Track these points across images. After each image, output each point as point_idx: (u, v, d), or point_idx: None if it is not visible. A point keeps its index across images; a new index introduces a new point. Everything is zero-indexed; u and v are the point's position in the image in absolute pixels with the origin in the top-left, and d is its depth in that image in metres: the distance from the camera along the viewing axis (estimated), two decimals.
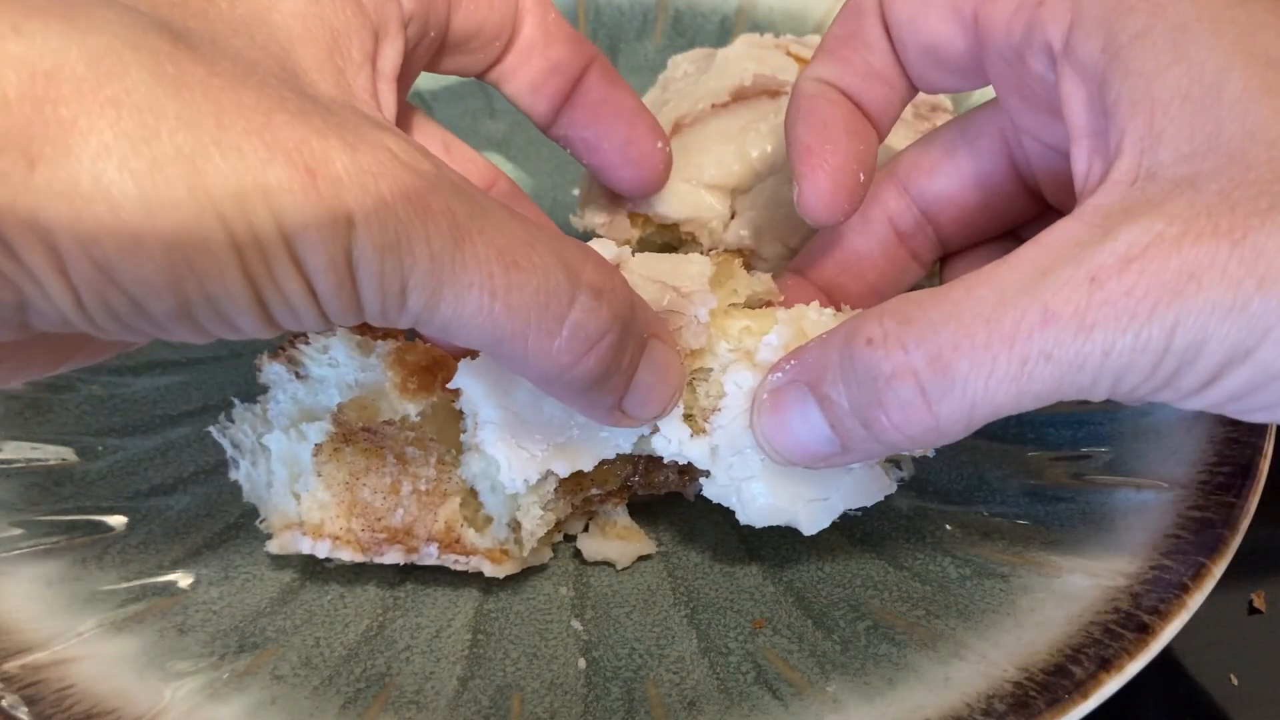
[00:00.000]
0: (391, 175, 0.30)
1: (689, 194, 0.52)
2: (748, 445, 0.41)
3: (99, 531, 0.47)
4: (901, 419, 0.34)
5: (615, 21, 0.73)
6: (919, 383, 0.33)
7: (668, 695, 0.42)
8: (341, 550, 0.43)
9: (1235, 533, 0.43)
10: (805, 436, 0.37)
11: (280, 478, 0.44)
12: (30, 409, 0.50)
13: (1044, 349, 0.31)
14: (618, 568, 0.47)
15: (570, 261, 0.33)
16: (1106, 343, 0.31)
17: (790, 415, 0.37)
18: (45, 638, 0.42)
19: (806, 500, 0.41)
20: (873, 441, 0.35)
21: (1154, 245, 0.30)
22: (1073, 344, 0.31)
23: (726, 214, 0.53)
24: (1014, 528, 0.47)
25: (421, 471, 0.43)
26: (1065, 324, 0.31)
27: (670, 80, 0.59)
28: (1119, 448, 0.49)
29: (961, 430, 0.34)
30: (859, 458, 0.37)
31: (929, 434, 0.34)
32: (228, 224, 0.28)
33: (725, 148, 0.53)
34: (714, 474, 0.42)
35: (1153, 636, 0.40)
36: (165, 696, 0.40)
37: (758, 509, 0.42)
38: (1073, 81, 0.36)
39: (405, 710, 0.42)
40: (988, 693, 0.40)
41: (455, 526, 0.43)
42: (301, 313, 0.30)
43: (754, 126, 0.53)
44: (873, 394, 0.34)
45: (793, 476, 0.41)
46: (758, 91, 0.55)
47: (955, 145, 0.45)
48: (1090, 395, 0.33)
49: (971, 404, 0.32)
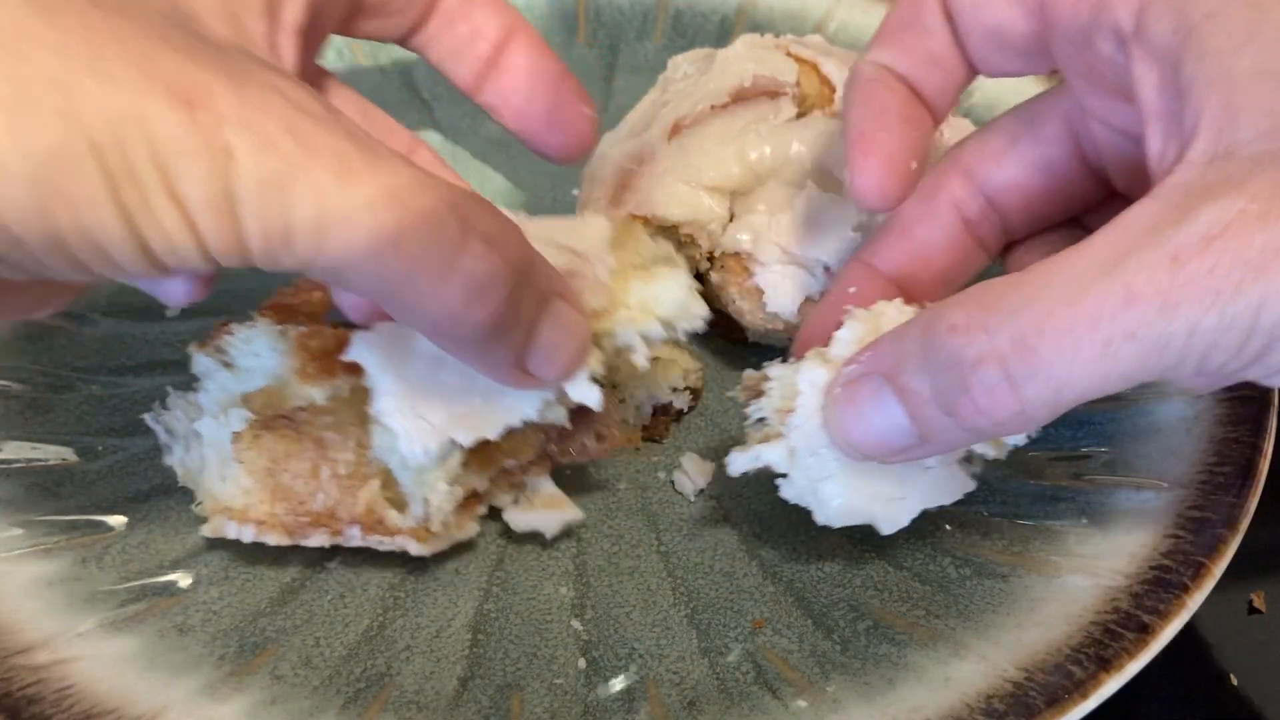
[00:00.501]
0: (278, 112, 0.29)
1: (688, 196, 0.52)
2: (823, 445, 0.40)
3: (99, 531, 0.47)
4: (988, 404, 0.33)
5: (615, 21, 0.73)
6: (1004, 367, 0.32)
7: (668, 695, 0.42)
8: (267, 534, 0.43)
9: (1235, 533, 0.43)
10: (882, 428, 0.37)
11: (211, 462, 0.44)
12: (30, 409, 0.50)
13: (1128, 329, 0.31)
14: (547, 537, 0.47)
15: (464, 209, 0.33)
16: (1191, 321, 0.31)
17: (866, 407, 0.37)
18: (45, 637, 0.42)
19: (885, 499, 0.41)
20: (956, 430, 0.35)
21: (1236, 223, 0.30)
22: (1157, 323, 0.31)
23: (725, 216, 0.53)
24: (1014, 528, 0.47)
25: (340, 456, 0.43)
26: (1148, 304, 0.31)
27: (670, 81, 0.59)
28: (1119, 448, 0.49)
29: (1047, 414, 0.33)
30: (937, 449, 0.37)
31: (1015, 419, 0.33)
32: (100, 151, 0.27)
33: (724, 150, 0.53)
34: (791, 475, 0.41)
35: (1152, 636, 0.40)
36: (165, 696, 0.40)
37: (834, 509, 0.41)
38: (1145, 64, 0.35)
39: (405, 710, 0.42)
40: (987, 693, 0.40)
41: (376, 508, 0.43)
42: (183, 250, 0.30)
43: (754, 128, 0.53)
44: (957, 380, 0.33)
45: (870, 475, 0.41)
46: (757, 93, 0.55)
47: (1020, 132, 0.44)
48: (1177, 375, 0.33)
49: (1057, 387, 0.32)
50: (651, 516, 0.50)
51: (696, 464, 0.51)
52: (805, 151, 0.52)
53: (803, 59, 0.57)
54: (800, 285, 0.51)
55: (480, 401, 0.41)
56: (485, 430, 0.41)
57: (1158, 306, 0.31)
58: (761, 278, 0.51)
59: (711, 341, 0.58)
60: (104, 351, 0.54)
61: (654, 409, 0.53)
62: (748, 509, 0.50)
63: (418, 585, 0.47)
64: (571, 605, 0.46)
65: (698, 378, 0.54)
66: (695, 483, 0.51)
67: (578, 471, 0.52)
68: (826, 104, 0.56)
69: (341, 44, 0.69)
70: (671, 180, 0.52)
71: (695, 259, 0.54)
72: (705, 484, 0.51)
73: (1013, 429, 0.34)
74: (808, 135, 0.53)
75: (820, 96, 0.56)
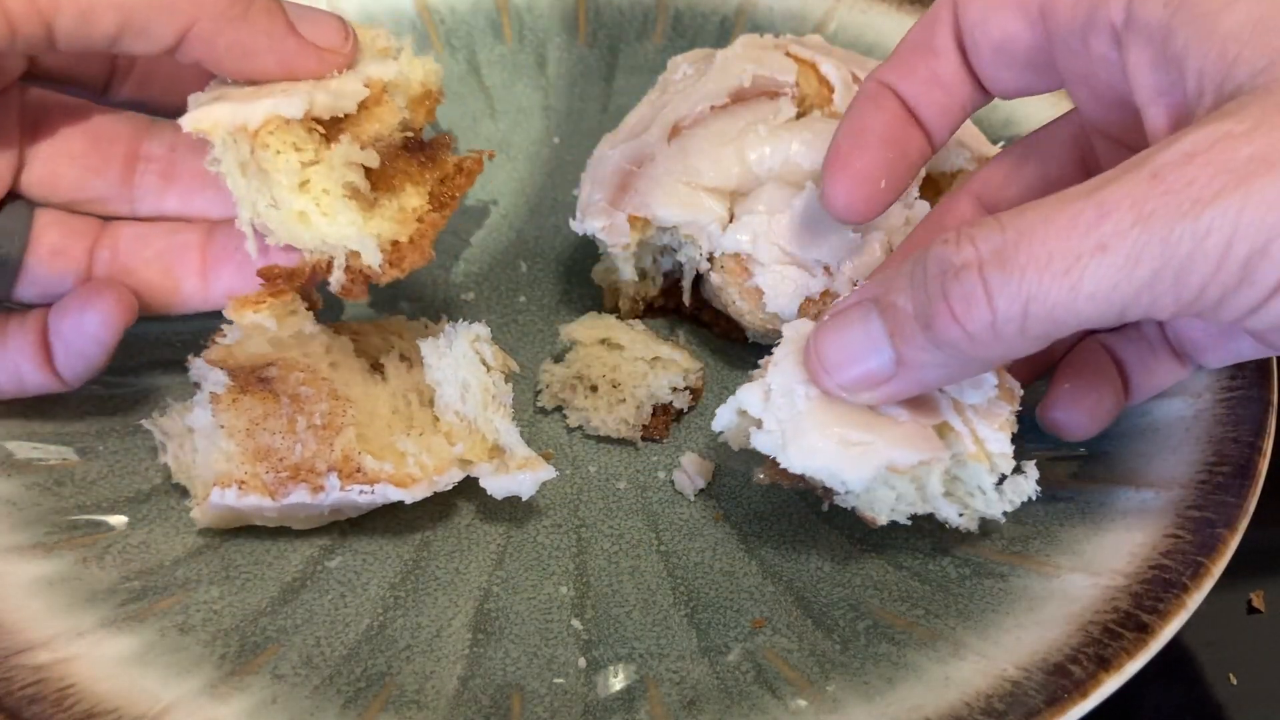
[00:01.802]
0: None
1: (687, 197, 0.52)
2: (798, 382, 0.41)
3: (99, 531, 0.47)
4: (963, 311, 0.34)
5: (615, 21, 0.73)
6: (982, 274, 0.33)
7: (668, 695, 0.42)
8: (249, 495, 0.44)
9: (1234, 532, 0.43)
10: (861, 349, 0.38)
11: (204, 450, 0.45)
12: (31, 408, 0.50)
13: (1099, 241, 0.31)
14: (524, 498, 0.47)
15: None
16: (1164, 230, 0.30)
17: (851, 328, 0.38)
18: (46, 637, 0.42)
19: (851, 443, 0.40)
20: (931, 351, 0.36)
21: (1222, 140, 0.30)
22: (1129, 234, 0.30)
23: (725, 217, 0.53)
24: (1014, 528, 0.47)
25: (315, 407, 0.45)
26: (1121, 215, 0.30)
27: (669, 81, 0.59)
28: (1119, 448, 0.49)
29: (1016, 332, 0.33)
30: (911, 382, 0.38)
31: (985, 331, 0.34)
32: None
33: (724, 150, 0.53)
34: (765, 422, 0.42)
35: (1152, 636, 0.40)
36: (166, 696, 0.40)
37: (802, 450, 0.41)
38: (1137, 49, 0.36)
39: (406, 710, 0.42)
40: (987, 692, 0.40)
41: (353, 455, 0.44)
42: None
43: (753, 129, 0.53)
44: (938, 288, 0.34)
45: (839, 416, 0.41)
46: (757, 93, 0.55)
47: (1026, 156, 0.46)
48: (1154, 307, 0.32)
49: (1027, 299, 0.32)
50: (651, 516, 0.50)
51: (696, 464, 0.51)
52: (804, 152, 0.52)
53: (801, 59, 0.57)
54: (799, 285, 0.51)
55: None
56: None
57: (1131, 218, 0.30)
58: (761, 278, 0.51)
59: (711, 341, 0.58)
60: None
61: (654, 409, 0.53)
62: (748, 509, 0.50)
63: (418, 585, 0.47)
64: (571, 604, 0.46)
65: (698, 378, 0.54)
66: (695, 483, 0.51)
67: (577, 471, 0.52)
68: (825, 104, 0.56)
69: None
70: (671, 181, 0.52)
71: (695, 259, 0.54)
72: (705, 484, 0.51)
73: (984, 344, 0.34)
74: (807, 136, 0.53)
75: (819, 96, 0.56)
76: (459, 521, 0.49)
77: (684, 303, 0.57)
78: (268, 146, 0.43)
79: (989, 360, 0.36)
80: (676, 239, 0.54)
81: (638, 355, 0.53)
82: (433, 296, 0.59)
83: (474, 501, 0.50)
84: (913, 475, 0.41)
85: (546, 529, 0.49)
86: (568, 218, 0.55)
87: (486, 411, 0.47)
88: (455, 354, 0.48)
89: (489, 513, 0.50)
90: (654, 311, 0.59)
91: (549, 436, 0.53)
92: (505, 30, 0.72)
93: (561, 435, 0.53)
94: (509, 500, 0.47)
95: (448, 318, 0.51)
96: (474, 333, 0.49)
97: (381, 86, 0.46)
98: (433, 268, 0.60)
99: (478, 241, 0.62)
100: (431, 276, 0.60)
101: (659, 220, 0.52)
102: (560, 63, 0.71)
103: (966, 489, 0.43)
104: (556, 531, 0.49)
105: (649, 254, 0.56)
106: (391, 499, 0.44)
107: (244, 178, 0.44)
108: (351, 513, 0.47)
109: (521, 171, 0.66)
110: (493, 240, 0.62)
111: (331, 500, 0.44)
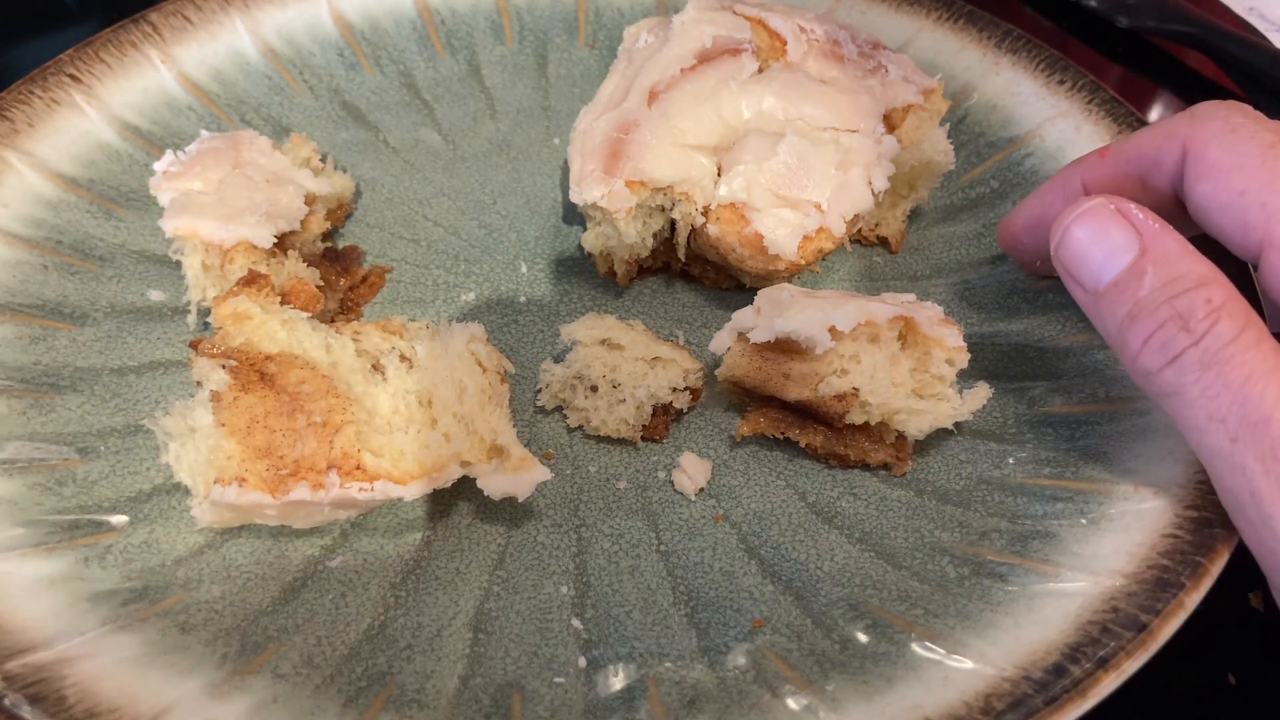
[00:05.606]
0: None
1: (678, 156, 0.54)
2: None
3: (101, 531, 0.47)
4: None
5: (615, 22, 0.73)
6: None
7: (668, 694, 0.42)
8: (250, 492, 0.44)
9: (1233, 532, 0.43)
10: (1111, 240, 0.42)
11: (206, 449, 0.45)
12: (33, 409, 0.50)
13: None
14: (520, 499, 0.47)
15: None
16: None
17: (1105, 222, 0.43)
18: (48, 637, 0.42)
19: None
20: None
21: None
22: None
23: (714, 171, 0.55)
24: (1013, 527, 0.47)
25: (314, 405, 0.45)
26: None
27: (632, 50, 0.61)
28: (1118, 449, 0.49)
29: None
30: (1149, 270, 0.41)
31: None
32: None
33: (702, 109, 0.56)
34: (756, 328, 0.49)
35: (1151, 636, 0.40)
36: (168, 695, 0.40)
37: (791, 319, 0.48)
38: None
39: (406, 709, 0.42)
40: (986, 692, 0.40)
41: (353, 452, 0.45)
42: None
43: (724, 85, 0.56)
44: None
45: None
46: (719, 52, 0.58)
47: (1129, 164, 0.49)
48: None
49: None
50: (651, 516, 0.50)
51: (696, 464, 0.51)
52: (777, 103, 0.56)
53: (750, 16, 0.60)
54: (796, 225, 0.53)
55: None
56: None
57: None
58: (759, 223, 0.53)
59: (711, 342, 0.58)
60: (104, 351, 0.54)
61: (654, 409, 0.53)
62: (748, 509, 0.50)
63: (419, 584, 0.47)
64: (572, 604, 0.46)
65: (698, 378, 0.54)
66: (695, 482, 0.51)
67: (577, 471, 0.52)
68: (780, 56, 0.59)
69: (343, 44, 0.69)
70: (659, 143, 0.55)
71: (690, 214, 0.55)
72: (705, 483, 0.51)
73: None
74: (775, 87, 0.56)
75: (772, 49, 0.60)
76: (459, 521, 0.49)
77: (678, 258, 0.59)
78: (233, 261, 0.53)
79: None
80: (670, 198, 0.55)
81: (638, 355, 0.53)
82: (433, 297, 0.59)
83: (474, 501, 0.50)
84: (878, 335, 0.49)
85: (546, 529, 0.49)
86: (567, 218, 0.55)
87: (484, 412, 0.48)
88: (451, 355, 0.48)
89: (489, 513, 0.50)
90: (644, 272, 0.61)
91: (549, 436, 0.53)
92: (505, 31, 0.72)
93: (561, 435, 0.53)
94: (509, 500, 0.48)
95: (447, 318, 0.51)
96: (469, 333, 0.49)
97: (313, 199, 0.57)
98: (433, 268, 0.60)
99: (478, 242, 0.62)
100: (432, 277, 0.60)
101: (655, 182, 0.54)
102: (560, 63, 0.72)
103: (931, 388, 0.49)
104: (556, 531, 0.49)
105: (643, 215, 0.57)
106: (391, 496, 0.45)
107: (204, 272, 0.54)
108: (351, 511, 0.47)
109: (521, 171, 0.66)
110: (493, 240, 0.62)
111: (331, 497, 0.44)
